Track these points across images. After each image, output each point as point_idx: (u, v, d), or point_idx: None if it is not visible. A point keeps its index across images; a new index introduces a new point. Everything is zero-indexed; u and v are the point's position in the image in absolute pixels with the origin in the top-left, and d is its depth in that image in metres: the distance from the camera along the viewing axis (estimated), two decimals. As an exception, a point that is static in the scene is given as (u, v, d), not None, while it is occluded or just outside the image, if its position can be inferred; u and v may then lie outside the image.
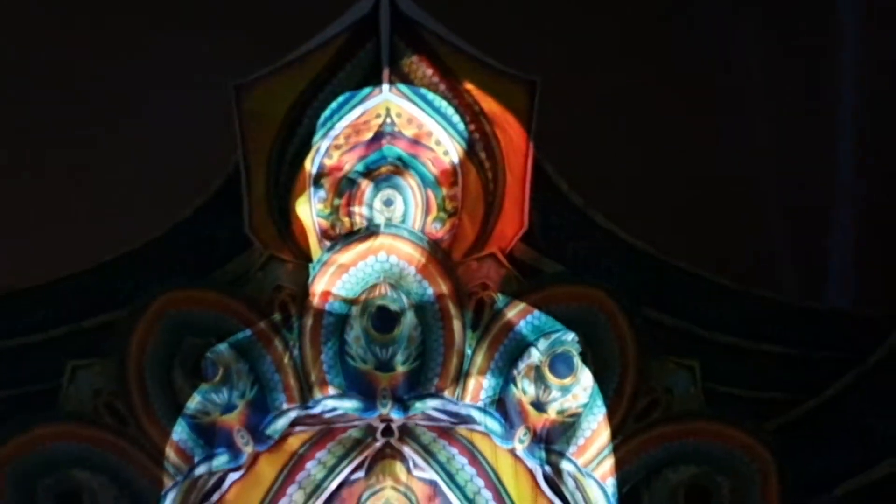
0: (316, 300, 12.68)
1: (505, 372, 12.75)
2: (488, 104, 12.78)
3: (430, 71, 12.83)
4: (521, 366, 12.75)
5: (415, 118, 12.74)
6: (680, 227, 13.39)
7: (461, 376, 12.76)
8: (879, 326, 12.84)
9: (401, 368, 12.70)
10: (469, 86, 12.75)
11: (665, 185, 13.59)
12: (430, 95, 12.74)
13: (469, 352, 12.75)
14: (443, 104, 12.75)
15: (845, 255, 13.71)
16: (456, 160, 12.74)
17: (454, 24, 12.70)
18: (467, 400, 12.69)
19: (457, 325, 12.86)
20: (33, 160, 13.10)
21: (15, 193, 13.23)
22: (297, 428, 12.78)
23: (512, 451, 12.79)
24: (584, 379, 12.64)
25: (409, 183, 12.81)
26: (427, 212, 12.87)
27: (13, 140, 13.22)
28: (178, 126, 13.42)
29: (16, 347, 12.69)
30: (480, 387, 12.74)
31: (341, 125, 12.73)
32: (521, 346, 12.74)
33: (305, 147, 12.76)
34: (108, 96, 13.17)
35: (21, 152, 13.12)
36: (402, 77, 12.75)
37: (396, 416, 12.74)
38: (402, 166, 12.80)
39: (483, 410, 12.65)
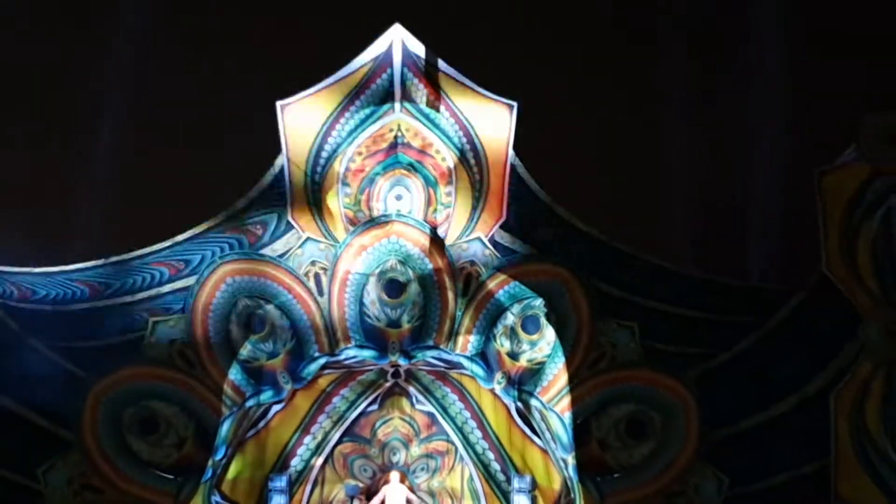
0: (342, 273, 14.79)
1: (486, 330, 14.86)
2: (476, 120, 14.78)
3: (428, 92, 14.78)
4: (500, 326, 14.87)
5: (420, 132, 14.86)
6: (625, 218, 15.28)
7: (453, 334, 14.92)
8: (777, 298, 14.76)
9: (406, 326, 14.89)
10: (461, 104, 14.77)
11: (613, 188, 15.40)
12: (432, 115, 14.78)
13: (459, 314, 14.89)
14: (442, 121, 14.80)
15: (755, 244, 15.73)
16: (451, 165, 14.87)
17: (454, 56, 14.73)
18: (457, 352, 14.87)
19: (450, 295, 14.96)
20: (124, 165, 15.03)
21: (105, 189, 15.16)
22: (326, 371, 14.99)
23: (492, 391, 15.01)
24: (549, 335, 14.78)
25: (416, 183, 14.94)
26: (429, 205, 14.97)
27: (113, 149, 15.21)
28: (236, 135, 15.29)
29: (110, 306, 14.68)
30: (468, 342, 14.92)
31: (363, 136, 14.81)
32: (499, 310, 14.83)
33: (335, 153, 14.82)
34: (185, 116, 15.16)
35: (117, 160, 15.06)
36: (407, 97, 14.75)
37: (403, 363, 15.00)
38: (410, 170, 14.93)
39: (470, 359, 14.85)
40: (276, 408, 14.94)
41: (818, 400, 14.48)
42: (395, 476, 14.99)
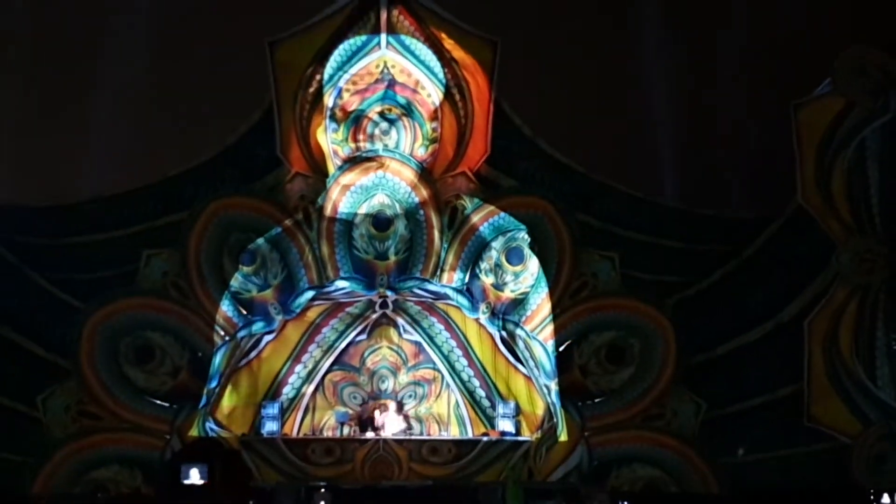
0: (330, 207, 14.87)
1: (470, 266, 14.93)
2: (459, 53, 14.83)
3: (410, 25, 14.80)
4: (484, 262, 14.94)
5: (405, 69, 14.87)
6: (604, 153, 15.29)
7: (438, 270, 15.02)
8: (752, 228, 14.86)
9: (393, 258, 15.01)
10: (443, 38, 14.78)
11: (593, 124, 15.35)
12: (418, 51, 14.78)
13: (444, 251, 14.87)
14: (427, 58, 14.79)
15: (733, 175, 15.83)
16: (437, 102, 14.87)
17: None
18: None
19: (436, 233, 15.01)
20: (116, 103, 15.10)
21: (103, 125, 15.22)
22: (316, 302, 15.11)
23: (477, 321, 15.16)
24: (532, 266, 14.89)
25: (402, 118, 14.95)
26: (415, 140, 15.01)
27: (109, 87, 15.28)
28: (226, 71, 15.25)
29: (105, 240, 14.72)
30: (452, 278, 15.00)
31: (350, 73, 14.83)
32: (481, 245, 14.91)
33: (323, 89, 14.81)
34: (175, 53, 15.21)
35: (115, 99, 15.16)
36: (390, 29, 14.73)
37: (390, 294, 15.15)
38: (396, 105, 14.93)
39: (456, 290, 14.96)
40: (267, 338, 15.05)
41: (793, 326, 14.61)
42: (392, 406, 15.16)
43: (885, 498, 13.66)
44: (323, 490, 13.80)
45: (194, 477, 14.02)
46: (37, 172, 15.17)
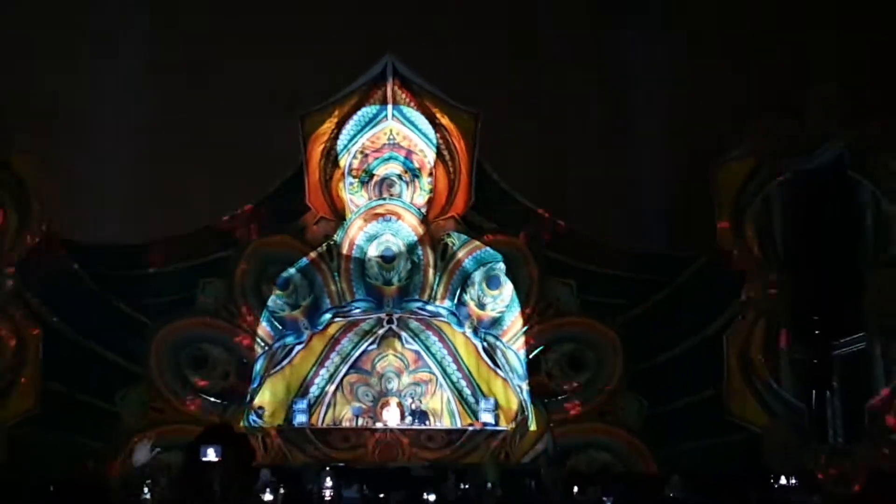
0: (347, 245, 17.87)
1: (455, 294, 17.74)
2: (446, 121, 17.84)
3: (406, 97, 17.82)
4: (468, 291, 17.78)
5: (407, 136, 17.95)
6: (568, 202, 18.02)
7: (432, 294, 17.86)
8: (683, 261, 17.68)
9: (396, 284, 17.94)
10: (434, 110, 17.73)
11: (558, 180, 18.12)
12: (417, 122, 17.78)
13: (435, 285, 17.70)
14: (423, 126, 17.80)
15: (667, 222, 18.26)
16: (431, 161, 17.91)
17: (437, 76, 17.71)
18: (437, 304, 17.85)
19: (430, 271, 17.90)
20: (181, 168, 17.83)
21: (169, 182, 17.92)
22: (336, 319, 17.85)
23: (464, 334, 17.88)
24: (507, 290, 17.75)
25: (404, 174, 18.00)
26: (414, 191, 17.98)
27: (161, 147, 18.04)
28: (266, 138, 17.87)
29: (171, 271, 17.74)
30: (443, 301, 17.83)
31: (363, 139, 17.89)
32: (465, 276, 17.79)
33: (342, 152, 17.87)
34: (233, 123, 17.76)
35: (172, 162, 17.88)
36: (395, 100, 17.70)
37: (395, 313, 17.91)
38: (400, 164, 17.99)
39: (447, 310, 17.89)
40: (297, 348, 17.72)
41: (715, 340, 17.17)
42: (392, 401, 17.79)
43: (783, 480, 15.97)
44: (328, 468, 15.75)
45: (211, 455, 15.77)
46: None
